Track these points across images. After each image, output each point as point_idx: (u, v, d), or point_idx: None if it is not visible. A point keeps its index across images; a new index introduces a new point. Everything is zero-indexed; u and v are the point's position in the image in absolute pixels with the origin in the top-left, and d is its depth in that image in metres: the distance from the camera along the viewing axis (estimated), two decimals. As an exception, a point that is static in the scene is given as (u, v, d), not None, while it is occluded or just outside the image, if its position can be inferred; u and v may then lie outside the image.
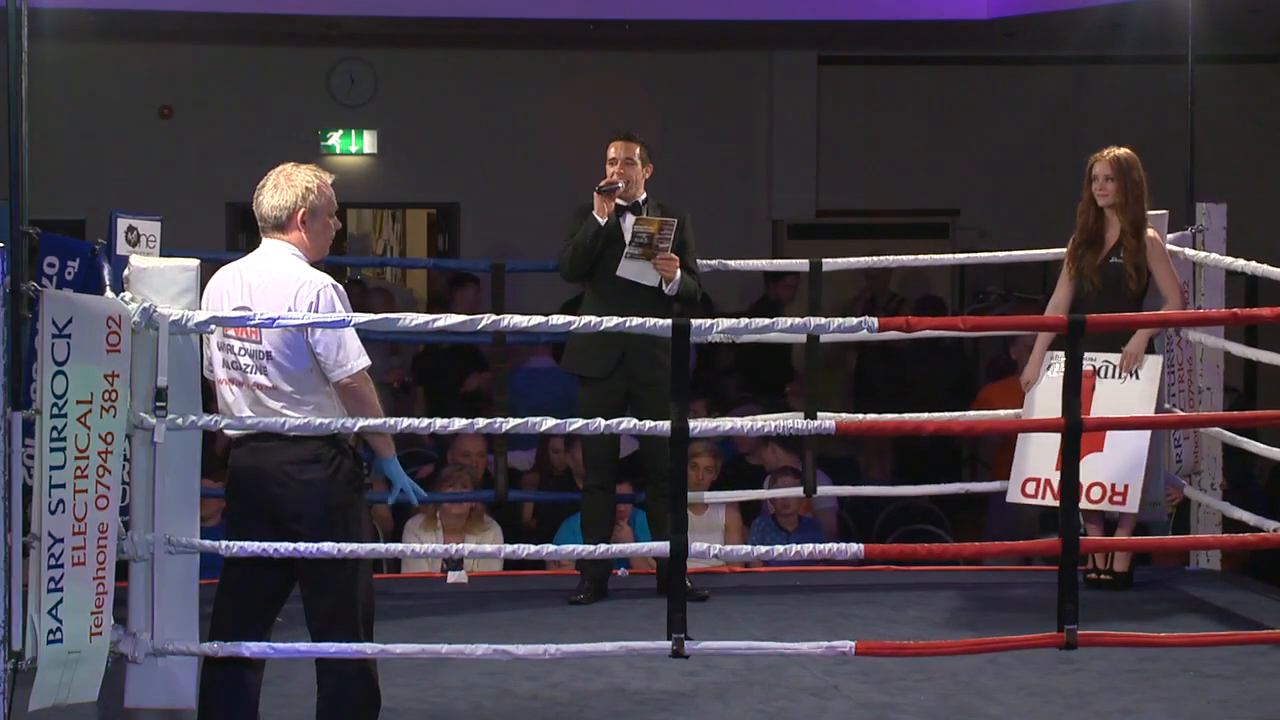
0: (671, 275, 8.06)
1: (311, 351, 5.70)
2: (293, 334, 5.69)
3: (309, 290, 5.71)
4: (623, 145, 8.19)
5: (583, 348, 8.16)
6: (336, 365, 5.71)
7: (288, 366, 5.71)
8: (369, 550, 5.85)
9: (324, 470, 5.73)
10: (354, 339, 5.73)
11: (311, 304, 5.69)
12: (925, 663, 7.12)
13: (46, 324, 5.49)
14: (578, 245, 8.11)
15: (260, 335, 5.71)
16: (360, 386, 5.75)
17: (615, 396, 8.01)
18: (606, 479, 8.25)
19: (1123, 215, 8.22)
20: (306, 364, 5.72)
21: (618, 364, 8.07)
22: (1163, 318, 8.10)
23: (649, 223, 8.05)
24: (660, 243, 8.03)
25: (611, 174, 8.16)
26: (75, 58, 12.77)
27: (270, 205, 5.78)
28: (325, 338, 5.68)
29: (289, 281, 5.73)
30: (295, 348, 5.70)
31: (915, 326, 6.58)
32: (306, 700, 5.93)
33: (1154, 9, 10.69)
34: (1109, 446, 8.06)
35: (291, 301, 5.69)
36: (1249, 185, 13.82)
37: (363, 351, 5.76)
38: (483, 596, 8.37)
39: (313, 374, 5.73)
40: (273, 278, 5.75)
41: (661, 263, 8.05)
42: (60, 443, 5.50)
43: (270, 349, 5.70)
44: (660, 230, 8.03)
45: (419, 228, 17.09)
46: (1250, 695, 6.88)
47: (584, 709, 6.71)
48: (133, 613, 5.82)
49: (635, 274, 8.07)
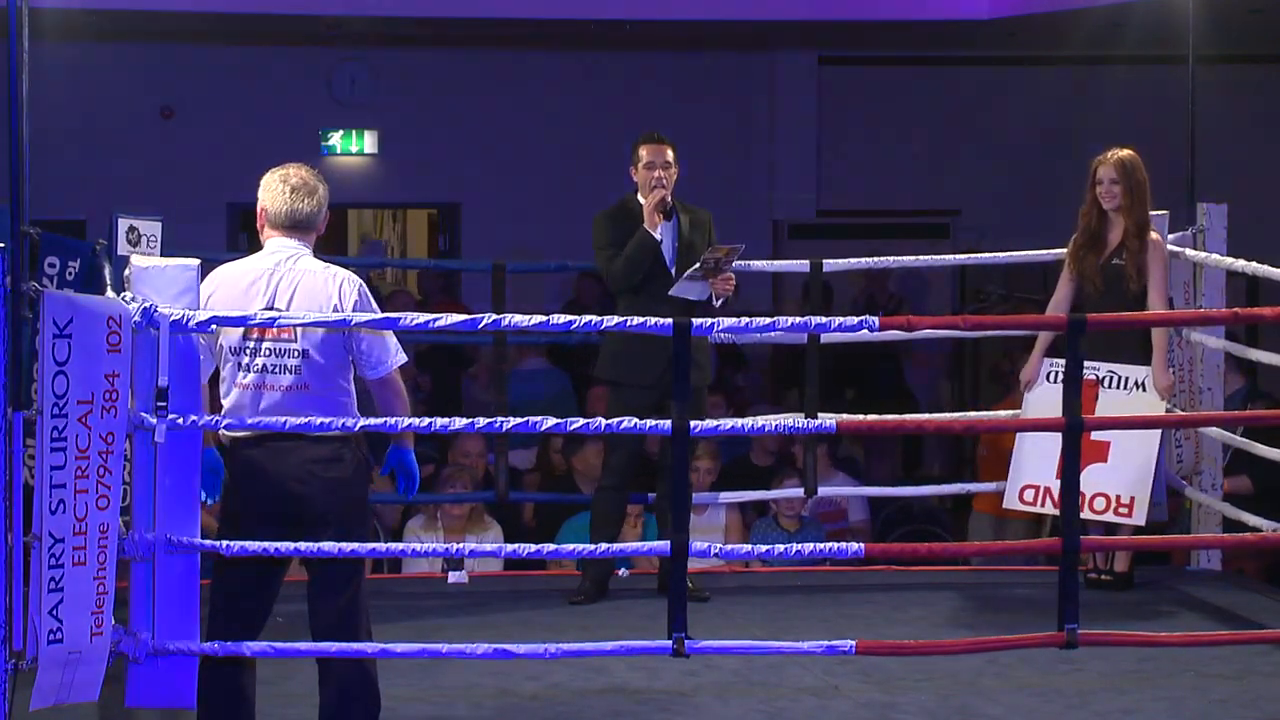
0: (727, 294, 7.98)
1: (353, 347, 5.75)
2: (332, 331, 5.72)
3: (350, 287, 5.76)
4: (658, 148, 8.05)
5: (622, 355, 8.04)
6: (378, 362, 5.77)
7: (322, 363, 5.74)
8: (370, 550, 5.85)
9: (345, 469, 5.76)
10: (392, 335, 5.80)
11: (356, 301, 5.74)
12: (926, 662, 7.12)
13: (47, 324, 5.47)
14: (631, 259, 7.98)
15: (295, 333, 5.72)
16: (397, 380, 5.84)
17: (652, 404, 7.83)
18: (623, 481, 8.20)
19: (1128, 218, 8.21)
20: (341, 360, 5.76)
21: (663, 372, 7.68)
22: (1164, 317, 8.10)
23: (719, 250, 7.89)
24: (725, 267, 7.93)
25: (651, 179, 8.01)
26: (76, 58, 12.81)
27: (310, 207, 5.82)
28: (370, 334, 5.74)
29: (329, 278, 5.77)
30: (333, 344, 5.74)
31: (915, 326, 6.59)
32: (307, 700, 5.94)
33: (1154, 9, 10.71)
34: (1114, 457, 8.03)
35: (337, 299, 5.73)
36: (1250, 185, 13.82)
37: (400, 347, 5.84)
38: (483, 596, 8.37)
39: (344, 369, 5.78)
40: (308, 275, 5.77)
41: (721, 283, 7.94)
42: (61, 442, 5.48)
43: (307, 346, 5.73)
44: (727, 256, 7.90)
45: (419, 228, 17.10)
46: (1251, 695, 6.89)
47: (584, 709, 6.72)
48: (133, 613, 5.80)
49: (689, 292, 7.97)
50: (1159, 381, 8.14)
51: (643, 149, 8.09)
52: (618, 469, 8.18)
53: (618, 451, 8.18)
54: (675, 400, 6.13)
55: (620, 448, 8.15)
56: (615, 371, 8.12)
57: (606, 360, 8.18)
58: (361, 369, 5.79)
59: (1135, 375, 8.18)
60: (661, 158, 8.05)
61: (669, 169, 8.05)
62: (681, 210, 8.14)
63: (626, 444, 8.09)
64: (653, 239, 8.01)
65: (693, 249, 8.05)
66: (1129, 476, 8.06)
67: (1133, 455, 8.04)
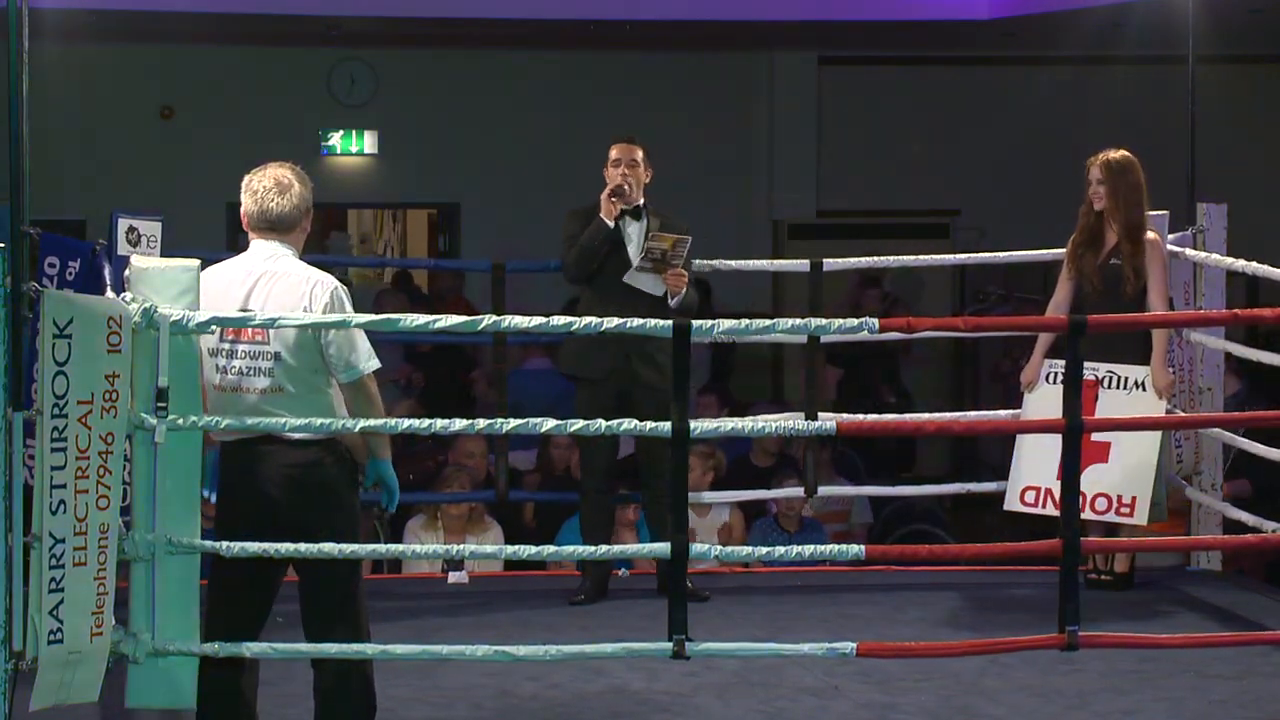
0: (680, 290, 8.02)
1: (323, 351, 5.72)
2: (304, 333, 5.70)
3: (322, 290, 5.73)
4: (626, 147, 8.16)
5: (580, 349, 8.14)
6: (347, 366, 5.73)
7: (295, 366, 5.72)
8: (369, 551, 5.85)
9: (325, 474, 5.75)
10: (364, 340, 5.75)
11: (326, 304, 5.71)
12: (926, 663, 7.13)
13: (47, 324, 5.46)
14: (584, 247, 8.06)
15: (268, 335, 5.70)
16: (369, 386, 5.78)
17: (612, 399, 7.96)
18: (603, 482, 8.24)
19: (1115, 219, 8.21)
20: (314, 364, 5.73)
21: (615, 367, 8.04)
22: (1163, 319, 8.10)
23: (663, 239, 7.97)
24: (673, 259, 7.97)
25: (616, 175, 8.12)
26: (76, 58, 12.82)
27: (282, 207, 5.81)
28: (337, 338, 5.70)
29: (301, 281, 5.75)
30: (305, 347, 5.71)
31: (916, 327, 6.58)
32: (307, 700, 5.95)
33: (1154, 9, 10.72)
34: (1115, 458, 8.05)
35: (307, 301, 5.71)
36: (1250, 185, 13.85)
37: (373, 353, 5.78)
38: (483, 597, 8.40)
39: (319, 374, 5.75)
40: (283, 278, 5.76)
41: (673, 278, 7.99)
42: (61, 443, 5.48)
43: (279, 349, 5.71)
44: (674, 247, 7.96)
45: (419, 228, 17.13)
46: (1251, 695, 6.91)
47: (584, 709, 6.73)
48: (133, 613, 5.80)
49: (641, 283, 8.03)
50: (1158, 381, 8.14)
51: (613, 148, 8.19)
52: (596, 470, 8.21)
53: (591, 452, 8.22)
54: (675, 401, 6.10)
55: (594, 448, 8.18)
56: (572, 366, 8.25)
57: (565, 356, 8.33)
58: (334, 373, 5.75)
59: (1135, 375, 8.18)
60: (629, 156, 8.13)
61: (635, 167, 8.12)
62: (653, 214, 8.17)
63: (599, 443, 8.10)
64: (606, 225, 8.05)
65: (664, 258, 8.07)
66: (1130, 476, 8.07)
67: (1133, 455, 8.05)
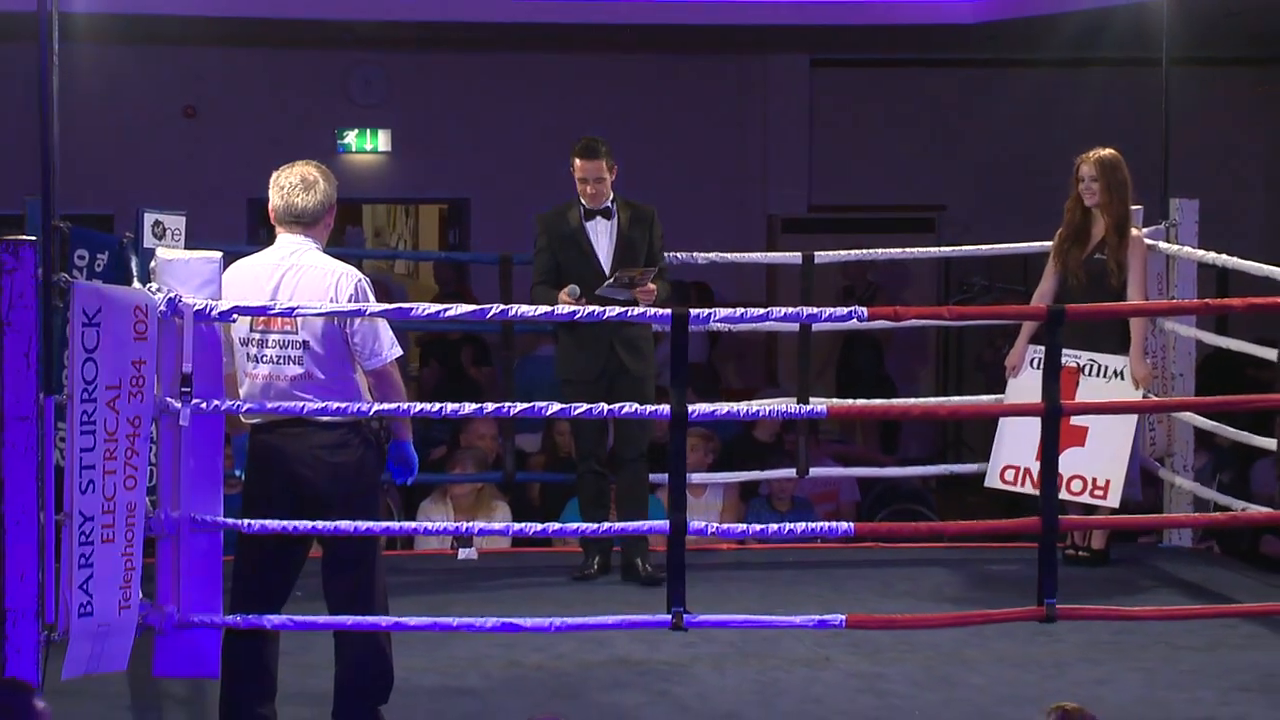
0: (649, 303, 8.03)
1: (348, 340, 5.93)
2: (330, 323, 5.89)
3: (348, 282, 5.94)
4: (589, 165, 8.12)
5: (567, 354, 8.26)
6: (372, 354, 5.92)
7: (322, 354, 5.90)
8: (384, 529, 6.05)
9: (352, 454, 5.94)
10: (387, 330, 5.96)
11: (352, 295, 5.91)
12: (912, 635, 7.27)
13: (77, 313, 5.58)
14: (539, 302, 7.95)
15: (296, 325, 5.89)
16: (392, 373, 5.98)
17: (602, 395, 7.92)
18: (598, 462, 8.40)
19: (1106, 214, 8.36)
20: (341, 351, 5.92)
21: (603, 365, 8.16)
22: (1138, 308, 8.24)
23: (631, 271, 8.01)
24: (640, 281, 8.02)
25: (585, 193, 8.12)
26: (104, 60, 12.75)
27: (307, 202, 5.97)
28: (363, 327, 5.90)
29: (327, 273, 5.95)
30: (331, 336, 5.91)
31: (903, 316, 6.71)
32: (326, 671, 6.08)
33: (1131, 14, 10.78)
34: (1091, 441, 8.17)
35: (333, 292, 5.90)
36: (1221, 182, 13.93)
37: (395, 341, 5.98)
38: (492, 572, 8.50)
39: (345, 361, 5.94)
40: (309, 270, 5.95)
41: (642, 294, 8.04)
42: (90, 426, 5.59)
43: (308, 337, 5.90)
44: (640, 275, 8.02)
45: (431, 222, 17.22)
46: (1221, 666, 7.04)
47: (588, 679, 6.86)
48: (160, 587, 5.93)
49: (613, 294, 8.04)
50: (1137, 371, 8.29)
51: (576, 164, 8.18)
52: (588, 449, 8.36)
53: (581, 436, 8.40)
54: (673, 388, 6.30)
55: (583, 433, 8.36)
56: (564, 370, 8.33)
57: (560, 360, 8.39)
58: (359, 360, 5.96)
59: (1114, 364, 8.34)
60: (595, 174, 8.13)
61: (601, 183, 8.15)
62: (622, 207, 8.26)
63: (587, 428, 8.30)
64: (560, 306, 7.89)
65: (632, 245, 8.20)
66: (1105, 460, 8.21)
67: (1109, 440, 8.19)
